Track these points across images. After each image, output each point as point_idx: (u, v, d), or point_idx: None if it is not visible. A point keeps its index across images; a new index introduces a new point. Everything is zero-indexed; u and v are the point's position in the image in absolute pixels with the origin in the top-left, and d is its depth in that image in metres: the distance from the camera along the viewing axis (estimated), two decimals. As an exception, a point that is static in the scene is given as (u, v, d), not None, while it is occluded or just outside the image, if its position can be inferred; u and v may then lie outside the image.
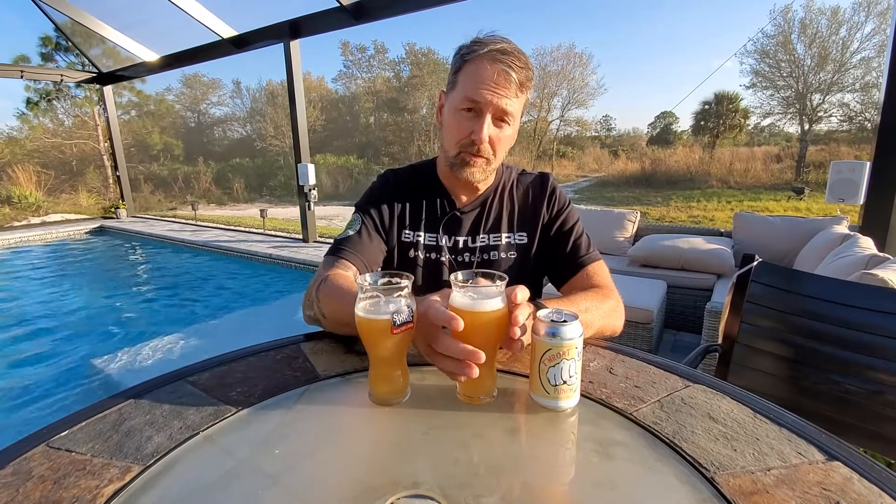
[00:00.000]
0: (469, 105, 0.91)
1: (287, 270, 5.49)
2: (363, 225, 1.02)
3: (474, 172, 0.96)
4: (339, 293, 0.84)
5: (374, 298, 0.63)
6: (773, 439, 0.55)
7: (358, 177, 17.85)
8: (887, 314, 0.98)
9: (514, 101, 0.91)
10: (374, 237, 1.02)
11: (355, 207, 1.07)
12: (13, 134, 15.21)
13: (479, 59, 0.89)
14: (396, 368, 0.65)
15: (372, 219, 1.03)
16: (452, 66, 0.96)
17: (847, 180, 2.94)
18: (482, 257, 1.03)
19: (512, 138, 0.98)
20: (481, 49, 0.89)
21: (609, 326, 0.90)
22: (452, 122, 0.94)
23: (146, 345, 3.21)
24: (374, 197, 1.06)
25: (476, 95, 0.89)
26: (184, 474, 0.51)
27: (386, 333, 0.60)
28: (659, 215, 10.33)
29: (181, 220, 9.55)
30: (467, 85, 0.90)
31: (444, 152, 1.01)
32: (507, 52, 0.89)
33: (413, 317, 0.62)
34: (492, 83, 0.88)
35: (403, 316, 0.60)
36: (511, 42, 0.92)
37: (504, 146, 0.96)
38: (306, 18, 5.34)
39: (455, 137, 0.94)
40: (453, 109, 0.94)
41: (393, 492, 0.47)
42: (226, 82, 22.16)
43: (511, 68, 0.88)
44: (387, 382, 0.65)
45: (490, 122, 0.91)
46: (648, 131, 24.19)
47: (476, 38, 0.93)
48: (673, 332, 3.20)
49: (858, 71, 15.19)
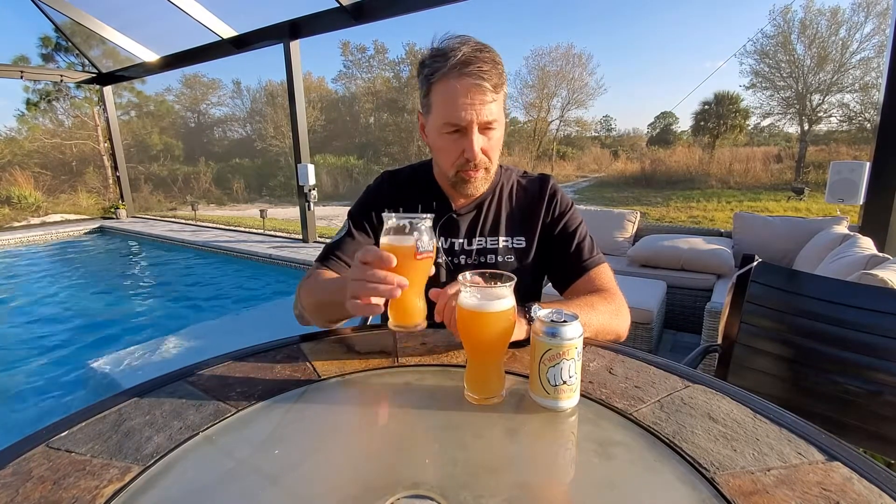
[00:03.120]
0: (451, 129, 0.89)
1: (287, 270, 5.49)
2: (352, 230, 1.03)
3: (477, 186, 0.97)
4: (314, 283, 0.94)
5: (398, 231, 0.67)
6: (773, 439, 0.55)
7: (358, 177, 17.85)
8: (887, 314, 0.98)
9: (494, 106, 0.89)
10: (362, 242, 1.02)
11: (348, 213, 1.08)
12: (13, 134, 15.22)
13: (446, 79, 0.86)
14: (416, 296, 0.69)
15: (362, 224, 1.04)
16: (420, 86, 0.93)
17: (847, 180, 2.93)
18: (479, 260, 1.02)
19: (502, 138, 0.97)
20: (444, 66, 0.85)
21: (610, 329, 0.89)
22: (441, 144, 0.93)
23: (146, 345, 3.21)
24: (366, 201, 1.07)
25: (456, 119, 0.87)
26: (184, 474, 0.51)
27: (410, 258, 0.65)
28: (659, 215, 10.33)
29: (181, 220, 9.54)
30: (443, 110, 0.88)
31: (439, 168, 1.02)
32: (470, 60, 0.85)
33: (434, 248, 0.68)
34: (467, 101, 0.85)
35: (426, 244, 0.66)
36: (469, 41, 0.87)
37: (497, 149, 0.96)
38: (306, 19, 5.34)
39: (449, 159, 0.94)
40: (437, 132, 0.92)
41: (393, 492, 0.47)
42: (226, 83, 22.17)
43: (481, 78, 0.85)
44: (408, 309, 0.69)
45: (478, 136, 0.89)
46: (648, 131, 24.24)
47: (434, 51, 0.89)
48: (673, 333, 3.20)
49: (858, 71, 15.21)
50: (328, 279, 0.95)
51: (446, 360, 0.78)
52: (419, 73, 0.93)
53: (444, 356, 0.79)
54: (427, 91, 0.91)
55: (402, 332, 0.70)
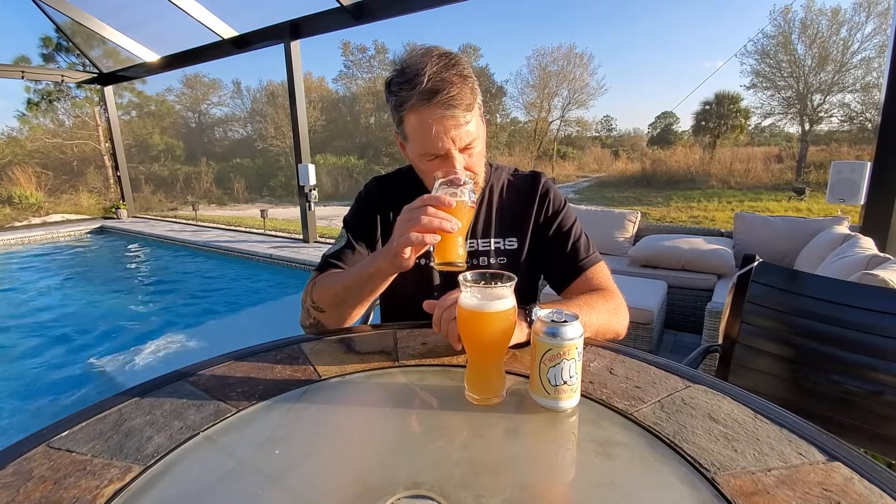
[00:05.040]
0: (432, 157, 0.89)
1: (287, 271, 5.49)
2: (350, 240, 1.03)
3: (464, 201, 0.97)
4: (328, 279, 0.95)
5: (452, 184, 0.77)
6: (774, 440, 0.55)
7: (358, 177, 17.85)
8: (888, 314, 0.98)
9: (470, 126, 0.87)
10: (360, 250, 1.02)
11: (343, 222, 1.08)
12: (14, 134, 15.24)
13: (416, 111, 0.84)
14: (462, 237, 0.77)
15: (358, 231, 1.04)
16: (392, 111, 0.91)
17: (848, 180, 2.93)
18: (471, 262, 1.01)
19: (484, 148, 0.96)
20: (411, 96, 0.83)
21: (610, 328, 0.89)
22: (424, 168, 0.93)
23: (146, 345, 3.21)
24: (359, 209, 1.07)
25: (433, 149, 0.86)
26: (184, 474, 0.51)
27: (462, 206, 0.76)
28: (659, 215, 10.33)
29: (182, 220, 9.55)
30: (420, 141, 0.87)
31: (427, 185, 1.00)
32: (437, 87, 0.81)
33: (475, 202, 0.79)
34: (442, 131, 0.84)
35: (470, 195, 0.78)
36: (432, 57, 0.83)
37: (480, 161, 0.95)
38: (307, 19, 5.34)
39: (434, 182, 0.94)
40: (418, 159, 0.92)
41: (393, 492, 0.47)
42: (226, 83, 22.18)
43: (452, 106, 0.82)
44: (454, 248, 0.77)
45: (460, 157, 0.88)
46: (649, 131, 24.18)
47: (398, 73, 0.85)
48: (673, 333, 3.20)
49: (859, 71, 15.19)
50: (340, 273, 0.96)
51: (446, 360, 0.78)
52: (388, 96, 0.89)
53: (444, 356, 0.79)
54: (399, 120, 0.90)
55: (448, 270, 0.79)
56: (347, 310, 0.93)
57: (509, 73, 21.27)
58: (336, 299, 0.92)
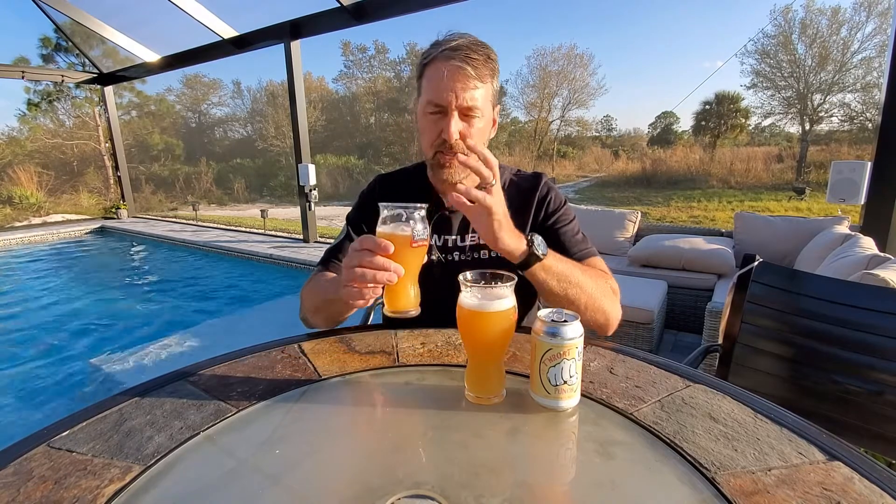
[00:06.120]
0: (434, 109, 0.92)
1: (288, 271, 5.49)
2: (351, 234, 1.06)
3: (453, 173, 0.96)
4: (314, 285, 0.97)
5: (394, 219, 0.69)
6: (774, 439, 0.55)
7: (358, 177, 17.84)
8: (888, 314, 0.98)
9: (476, 93, 0.91)
10: None
11: (346, 218, 1.11)
12: (14, 134, 15.24)
13: (435, 61, 0.91)
14: (410, 283, 0.71)
15: (359, 227, 1.07)
16: (416, 72, 0.98)
17: (848, 180, 2.93)
18: (472, 256, 1.03)
19: (485, 131, 0.97)
20: (437, 51, 0.91)
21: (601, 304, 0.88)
22: (423, 125, 0.96)
23: (147, 345, 3.21)
24: (361, 205, 1.10)
25: (437, 98, 0.91)
26: (185, 474, 0.51)
27: (406, 246, 0.67)
28: (659, 215, 10.32)
29: (182, 220, 9.55)
30: (428, 89, 0.92)
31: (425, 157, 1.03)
32: (460, 47, 0.90)
33: (428, 236, 0.69)
34: (450, 82, 0.89)
35: (420, 232, 0.68)
36: (468, 36, 0.93)
37: (477, 139, 0.95)
38: (307, 19, 5.33)
39: (428, 140, 0.96)
40: (422, 114, 0.96)
41: (393, 492, 0.47)
42: (226, 83, 22.17)
43: (466, 62, 0.89)
44: (403, 295, 0.71)
45: (457, 118, 0.91)
46: (649, 131, 24.14)
47: (434, 41, 0.95)
48: (673, 333, 3.20)
49: (859, 71, 15.17)
50: (327, 279, 0.98)
51: (446, 360, 0.78)
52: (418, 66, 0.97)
53: (444, 356, 0.79)
54: (419, 75, 0.96)
55: (397, 318, 0.72)
56: (327, 318, 0.95)
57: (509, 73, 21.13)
58: (316, 308, 0.95)
